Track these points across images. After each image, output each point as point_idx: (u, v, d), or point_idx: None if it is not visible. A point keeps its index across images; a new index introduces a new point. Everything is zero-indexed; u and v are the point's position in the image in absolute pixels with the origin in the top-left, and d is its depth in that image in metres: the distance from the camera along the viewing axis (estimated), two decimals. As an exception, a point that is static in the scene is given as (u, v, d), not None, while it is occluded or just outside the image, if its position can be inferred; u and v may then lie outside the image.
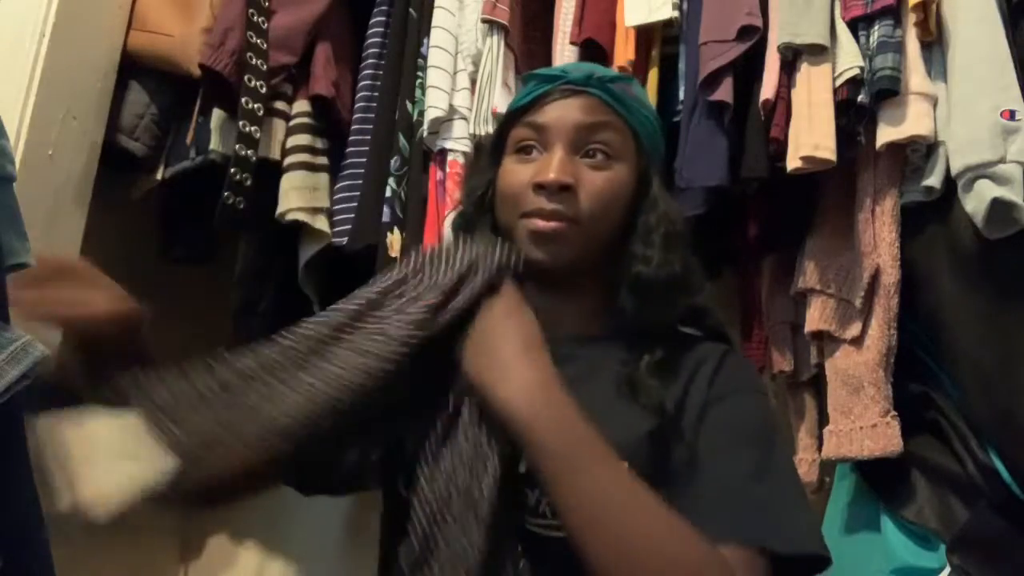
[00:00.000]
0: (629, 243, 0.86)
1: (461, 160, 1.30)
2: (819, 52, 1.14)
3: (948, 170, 1.07)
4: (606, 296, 0.87)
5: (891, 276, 1.13)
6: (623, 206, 0.86)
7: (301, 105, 1.40)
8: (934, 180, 1.09)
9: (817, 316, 1.19)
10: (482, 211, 0.90)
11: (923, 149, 1.12)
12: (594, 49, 1.33)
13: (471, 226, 0.90)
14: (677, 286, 0.85)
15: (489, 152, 0.92)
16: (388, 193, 1.31)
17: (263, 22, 1.37)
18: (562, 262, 0.84)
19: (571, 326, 0.87)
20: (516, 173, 0.86)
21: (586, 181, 0.84)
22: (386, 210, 1.30)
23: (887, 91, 1.10)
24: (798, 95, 1.14)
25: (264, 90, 1.34)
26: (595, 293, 0.88)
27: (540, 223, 0.82)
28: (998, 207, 1.00)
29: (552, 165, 0.83)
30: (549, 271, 0.84)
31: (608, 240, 0.86)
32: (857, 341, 1.15)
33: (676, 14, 1.27)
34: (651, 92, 1.33)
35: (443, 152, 1.31)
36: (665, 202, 0.88)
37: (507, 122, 0.90)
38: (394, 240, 1.29)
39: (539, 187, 0.82)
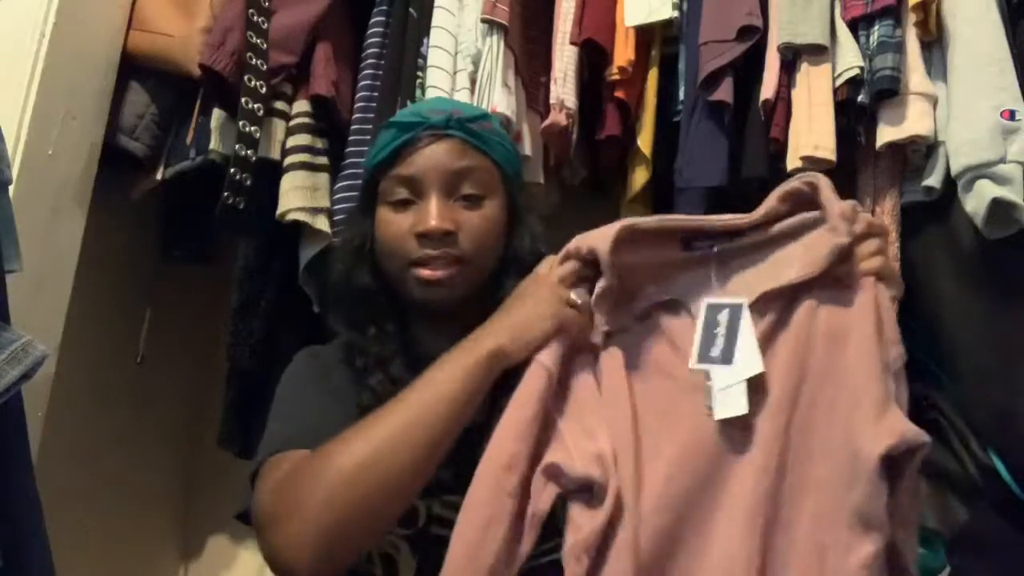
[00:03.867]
0: (503, 271, 0.92)
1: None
2: (819, 52, 1.14)
3: (948, 170, 1.07)
4: (480, 320, 0.89)
5: (891, 276, 1.13)
6: (499, 238, 0.93)
7: (301, 105, 1.40)
8: (934, 180, 1.09)
9: (817, 316, 1.19)
10: (360, 262, 0.93)
11: (923, 149, 1.12)
12: (594, 49, 1.33)
13: (351, 277, 0.93)
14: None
15: (360, 206, 0.96)
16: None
17: (263, 22, 1.37)
18: (452, 301, 0.90)
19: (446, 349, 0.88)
20: (395, 223, 0.90)
21: (464, 223, 0.89)
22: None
23: (887, 91, 1.10)
24: (798, 95, 1.15)
25: (264, 90, 1.34)
26: (471, 318, 0.89)
27: (429, 272, 0.88)
28: (998, 207, 1.00)
29: (432, 213, 0.87)
30: (436, 308, 0.91)
31: (487, 268, 0.92)
32: (857, 341, 1.15)
33: (676, 14, 1.27)
34: (651, 92, 1.33)
35: (443, 152, 1.31)
36: (532, 228, 0.95)
37: (374, 175, 0.93)
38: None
39: (422, 236, 0.88)
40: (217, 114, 1.40)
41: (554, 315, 0.81)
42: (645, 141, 1.31)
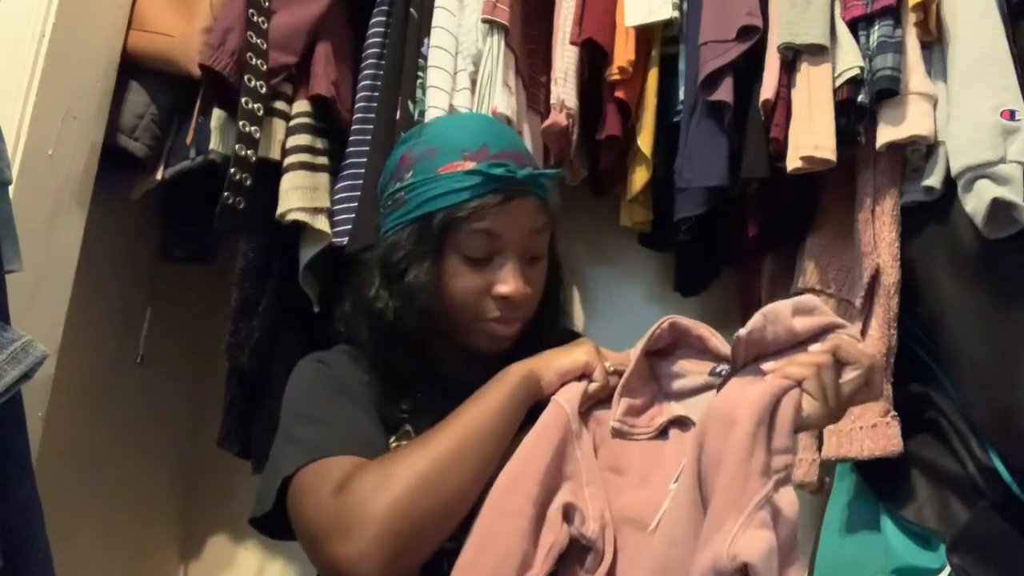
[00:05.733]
0: (542, 318, 0.96)
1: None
2: (819, 52, 1.14)
3: (948, 170, 1.07)
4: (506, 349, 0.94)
5: (891, 276, 1.13)
6: None
7: (301, 105, 1.40)
8: (934, 180, 1.09)
9: (817, 316, 1.19)
10: (418, 301, 0.89)
11: (923, 149, 1.12)
12: (594, 49, 1.33)
13: (407, 315, 0.90)
14: (561, 339, 0.93)
15: (422, 242, 0.89)
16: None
17: (263, 22, 1.37)
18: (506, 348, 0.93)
19: (472, 379, 0.90)
20: (472, 280, 0.90)
21: (532, 281, 0.92)
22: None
23: (887, 91, 1.10)
24: (798, 95, 1.14)
25: (264, 90, 1.34)
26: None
27: (505, 329, 0.91)
28: (998, 207, 1.00)
29: (515, 278, 0.89)
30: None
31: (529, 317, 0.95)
32: (857, 341, 1.15)
33: (676, 14, 1.27)
34: (651, 92, 1.33)
35: (443, 152, 1.31)
36: (559, 270, 0.99)
37: (447, 218, 0.87)
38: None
39: (503, 298, 0.89)
40: (217, 114, 1.40)
41: (585, 353, 0.87)
42: (645, 141, 1.31)
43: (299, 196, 1.34)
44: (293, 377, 0.95)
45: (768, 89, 1.16)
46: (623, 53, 1.30)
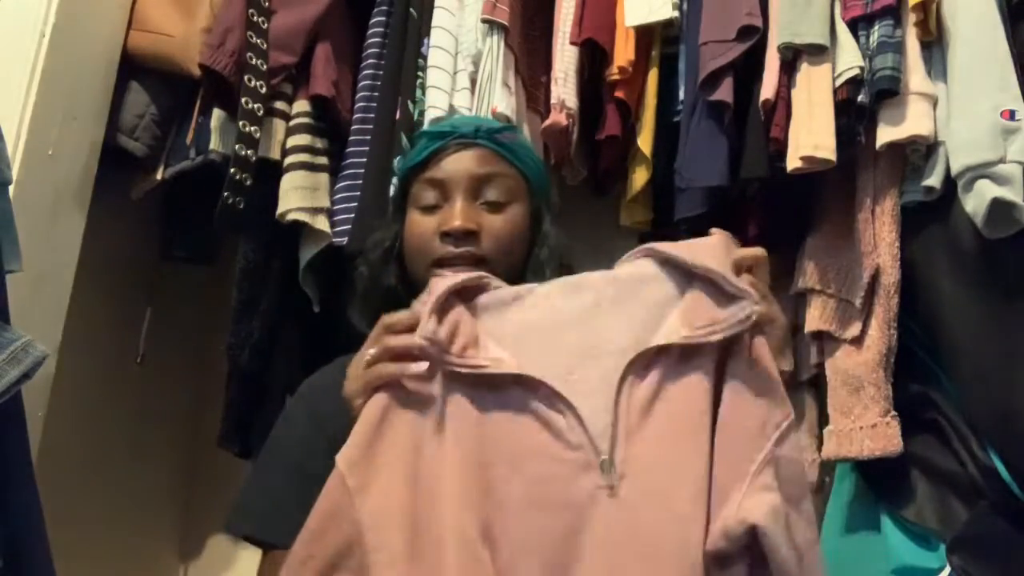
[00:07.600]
0: (523, 276, 0.93)
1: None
2: (819, 52, 1.14)
3: (948, 170, 1.07)
4: None
5: (891, 276, 1.13)
6: (522, 244, 0.95)
7: (301, 105, 1.40)
8: (934, 180, 1.09)
9: (817, 316, 1.19)
10: (388, 261, 0.96)
11: (923, 149, 1.12)
12: (594, 49, 1.33)
13: (379, 276, 0.96)
14: None
15: (393, 208, 1.00)
16: (392, 192, 1.31)
17: (263, 22, 1.37)
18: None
19: None
20: (421, 224, 0.93)
21: (487, 224, 0.92)
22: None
23: (887, 91, 1.10)
24: (798, 95, 1.14)
25: (264, 90, 1.34)
26: None
27: (451, 271, 0.87)
28: (998, 207, 1.00)
29: (455, 213, 0.91)
30: None
31: (509, 275, 0.90)
32: (857, 341, 1.15)
33: (676, 14, 1.27)
34: (651, 92, 1.33)
35: (443, 152, 1.31)
36: (555, 238, 0.97)
37: (406, 179, 0.97)
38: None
39: (446, 235, 0.91)
40: (217, 114, 1.40)
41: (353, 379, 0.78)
42: (645, 141, 1.31)
43: (299, 196, 1.34)
44: (282, 414, 0.96)
45: (768, 89, 1.16)
46: (623, 53, 1.30)
